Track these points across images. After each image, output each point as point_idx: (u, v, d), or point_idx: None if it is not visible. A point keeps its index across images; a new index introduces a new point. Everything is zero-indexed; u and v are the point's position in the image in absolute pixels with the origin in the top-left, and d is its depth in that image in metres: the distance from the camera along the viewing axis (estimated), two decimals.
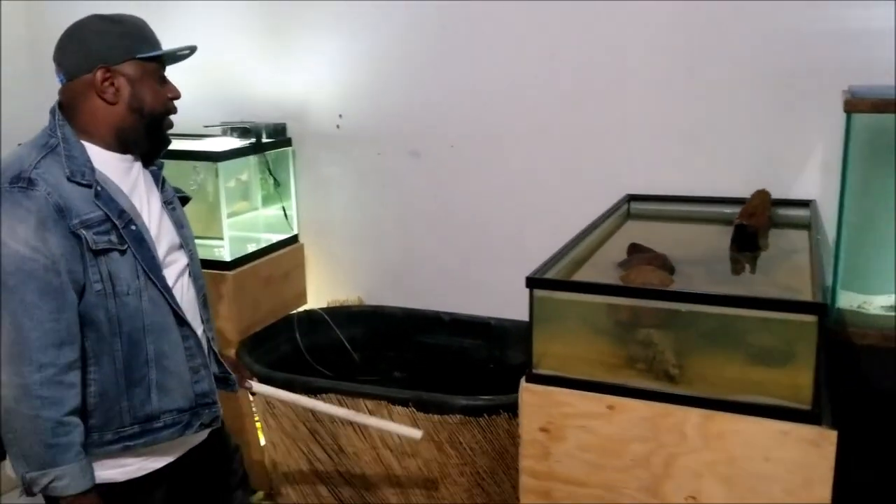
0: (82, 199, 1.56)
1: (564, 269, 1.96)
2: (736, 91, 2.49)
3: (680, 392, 1.65)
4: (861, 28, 2.31)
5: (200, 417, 1.73)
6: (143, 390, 1.64)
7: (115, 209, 1.59)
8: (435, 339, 3.00)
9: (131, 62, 1.63)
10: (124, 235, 1.59)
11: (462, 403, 2.30)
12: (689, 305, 1.70)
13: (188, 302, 1.75)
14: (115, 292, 1.58)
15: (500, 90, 2.82)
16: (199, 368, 1.73)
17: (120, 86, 1.62)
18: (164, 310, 1.65)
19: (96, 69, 1.60)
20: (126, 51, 1.62)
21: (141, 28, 1.68)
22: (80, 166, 1.58)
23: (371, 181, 3.11)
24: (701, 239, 2.40)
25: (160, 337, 1.65)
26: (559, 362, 1.80)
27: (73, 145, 1.60)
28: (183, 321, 1.69)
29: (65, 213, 1.52)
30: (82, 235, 1.53)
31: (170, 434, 1.68)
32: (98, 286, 1.56)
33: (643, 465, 1.67)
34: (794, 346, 1.65)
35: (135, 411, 1.63)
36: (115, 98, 1.62)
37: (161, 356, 1.65)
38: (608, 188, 2.63)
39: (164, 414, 1.66)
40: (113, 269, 1.58)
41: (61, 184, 1.54)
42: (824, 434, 1.52)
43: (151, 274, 1.62)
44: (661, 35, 2.56)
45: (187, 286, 1.77)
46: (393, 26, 2.94)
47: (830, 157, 2.35)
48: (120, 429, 1.62)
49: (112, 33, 1.63)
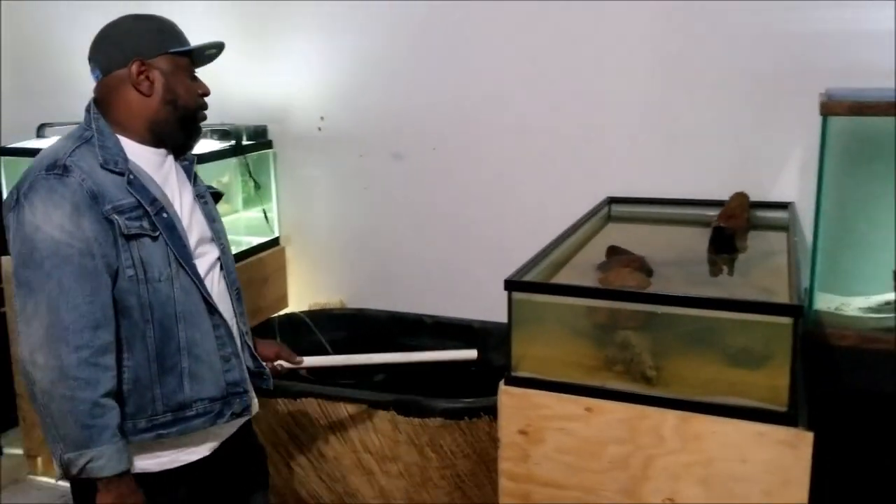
0: (115, 186, 1.59)
1: (544, 272, 1.96)
2: (715, 94, 2.50)
3: (657, 394, 1.66)
4: (839, 31, 2.33)
5: (232, 406, 1.74)
6: (175, 378, 1.65)
7: (147, 197, 1.62)
8: (417, 341, 2.99)
9: (165, 57, 1.67)
10: (156, 222, 1.62)
11: (442, 406, 2.30)
12: (666, 308, 1.70)
13: (219, 294, 1.76)
14: (147, 278, 1.60)
15: (483, 93, 2.82)
16: (230, 357, 1.74)
17: (154, 78, 1.66)
18: (195, 297, 1.67)
19: (132, 62, 1.64)
20: (160, 46, 1.67)
21: (173, 26, 1.74)
22: (113, 155, 1.62)
23: (353, 183, 3.10)
24: (680, 241, 2.41)
25: (191, 325, 1.66)
26: (538, 365, 1.80)
27: (107, 137, 1.64)
28: (214, 309, 1.70)
29: (98, 199, 1.56)
30: (115, 220, 1.57)
31: (202, 423, 1.68)
32: (130, 272, 1.59)
33: (621, 467, 1.68)
34: (771, 348, 1.65)
35: (167, 399, 1.64)
36: (149, 90, 1.66)
37: (192, 344, 1.67)
38: (589, 191, 2.64)
39: (195, 402, 1.67)
40: (145, 255, 1.60)
41: (95, 171, 1.58)
42: (800, 435, 1.53)
43: (183, 261, 1.65)
44: (640, 38, 2.57)
45: (218, 279, 1.78)
46: (375, 28, 2.93)
47: (808, 159, 2.37)
48: (153, 417, 1.64)
49: (146, 30, 1.68)
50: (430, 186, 2.97)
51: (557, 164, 2.75)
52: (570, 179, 2.73)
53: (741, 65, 2.46)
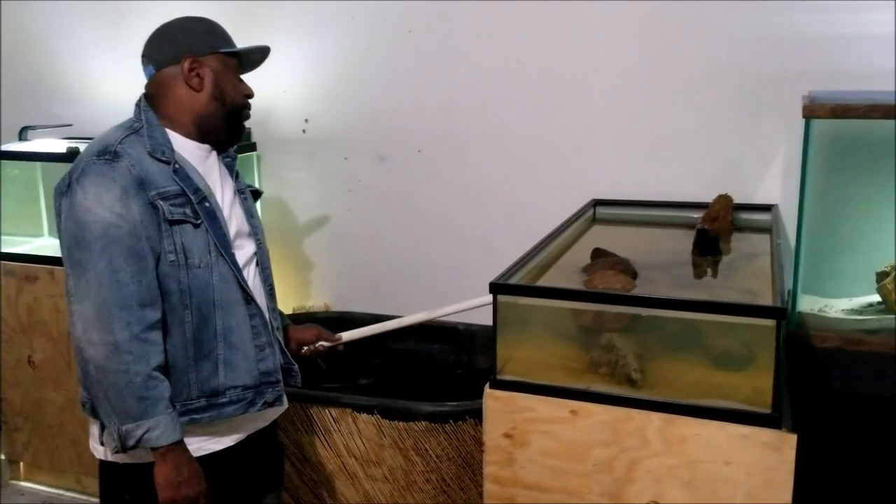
0: (161, 174, 1.67)
1: (529, 275, 1.96)
2: (699, 97, 2.51)
3: (642, 396, 1.65)
4: (821, 34, 2.34)
5: (264, 396, 1.78)
6: (210, 364, 1.70)
7: (191, 186, 1.69)
8: (403, 344, 2.98)
9: (215, 56, 1.76)
10: (199, 210, 1.69)
11: (427, 410, 2.30)
12: (651, 310, 1.70)
13: (255, 286, 1.82)
14: (188, 264, 1.67)
15: (467, 95, 2.82)
16: (265, 347, 1.78)
17: (204, 75, 1.74)
18: (232, 286, 1.73)
19: (184, 59, 1.73)
20: (211, 45, 1.76)
21: (223, 29, 1.83)
22: (160, 145, 1.70)
23: (337, 186, 3.09)
24: (664, 243, 2.42)
25: (228, 313, 1.72)
26: (523, 368, 1.79)
27: (154, 128, 1.72)
28: (250, 299, 1.76)
29: (145, 184, 1.63)
30: (159, 206, 1.64)
31: (234, 410, 1.73)
32: (172, 256, 1.65)
33: (606, 470, 1.67)
34: (755, 350, 1.66)
35: (202, 385, 1.70)
36: (199, 86, 1.74)
37: (228, 332, 1.72)
38: (574, 193, 2.64)
39: (229, 390, 1.72)
40: (186, 241, 1.67)
41: (143, 158, 1.66)
42: (784, 437, 1.53)
43: (223, 250, 1.71)
44: (625, 42, 2.57)
45: (254, 273, 1.84)
46: (359, 30, 2.93)
47: (791, 162, 2.38)
48: (187, 401, 1.69)
49: (199, 30, 1.78)
50: (415, 189, 2.97)
51: (542, 167, 2.76)
52: (554, 182, 2.73)
53: (725, 68, 2.47)
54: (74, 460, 3.00)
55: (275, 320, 1.89)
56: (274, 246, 3.16)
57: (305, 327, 2.07)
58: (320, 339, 2.04)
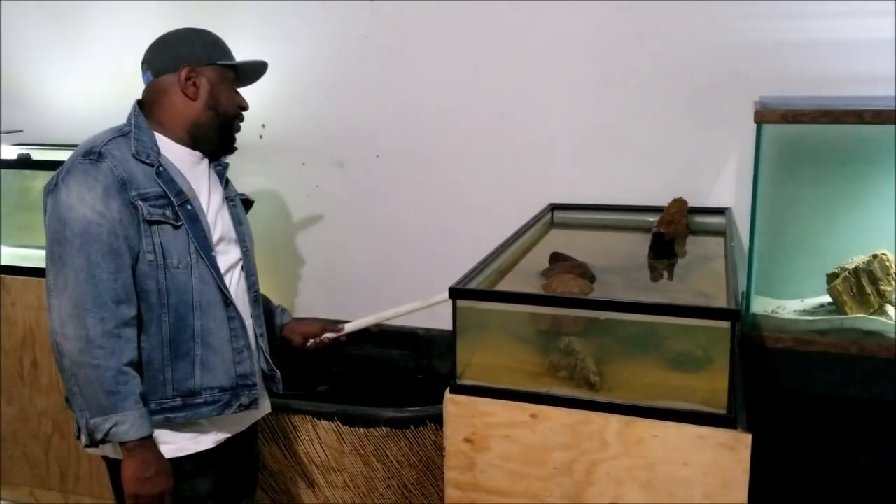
0: (145, 175, 1.71)
1: (488, 279, 1.96)
2: (654, 102, 2.55)
3: (601, 399, 1.67)
4: (772, 41, 2.39)
5: (240, 398, 1.80)
6: (187, 364, 1.74)
7: (173, 188, 1.73)
8: (362, 350, 2.97)
9: (213, 67, 1.82)
10: (180, 213, 1.72)
11: (388, 416, 2.29)
12: (608, 313, 1.72)
13: (238, 292, 1.85)
14: (166, 264, 1.70)
15: (425, 101, 2.82)
16: (243, 349, 1.81)
17: (201, 84, 1.79)
18: (212, 288, 1.76)
19: (182, 68, 1.78)
20: (209, 56, 1.82)
21: (223, 42, 1.88)
22: (146, 148, 1.74)
23: (295, 192, 3.07)
24: (621, 247, 2.44)
25: (207, 314, 1.75)
26: (483, 372, 1.80)
27: (143, 132, 1.76)
28: (229, 301, 1.78)
29: (126, 185, 1.67)
30: (139, 206, 1.68)
31: (209, 411, 1.76)
32: (150, 256, 1.69)
33: (566, 473, 1.68)
34: (710, 351, 1.68)
35: (178, 384, 1.73)
36: (195, 95, 1.79)
37: (206, 333, 1.75)
38: (532, 197, 2.66)
39: (205, 390, 1.76)
40: (165, 241, 1.70)
41: (127, 160, 1.70)
42: (739, 437, 1.55)
43: (203, 252, 1.74)
44: (580, 48, 2.60)
45: (238, 279, 1.87)
46: (316, 35, 2.91)
47: (744, 165, 2.42)
48: (163, 400, 1.72)
49: (199, 41, 1.83)
50: (374, 194, 2.96)
51: (500, 172, 2.77)
52: (512, 186, 2.74)
53: (678, 74, 2.50)
54: (28, 473, 2.94)
55: (259, 328, 1.92)
56: None
57: (309, 321, 2.13)
58: (325, 332, 2.08)
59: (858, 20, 2.29)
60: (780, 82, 2.36)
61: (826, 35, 2.33)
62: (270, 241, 3.13)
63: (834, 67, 2.32)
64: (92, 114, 1.67)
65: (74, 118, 3.27)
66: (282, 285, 3.16)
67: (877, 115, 1.91)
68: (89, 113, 1.72)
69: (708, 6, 2.43)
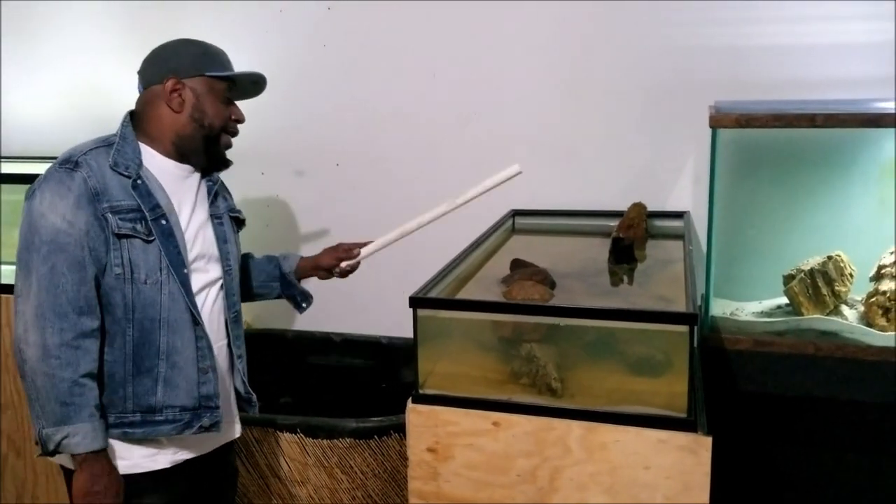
0: (120, 187, 1.69)
1: (449, 287, 1.96)
2: (611, 108, 2.56)
3: (563, 405, 1.67)
4: (727, 46, 2.42)
5: (201, 419, 1.77)
6: (150, 381, 1.71)
7: (149, 202, 1.71)
8: (326, 360, 2.96)
9: (201, 78, 1.79)
10: (153, 228, 1.70)
11: (352, 426, 2.27)
12: (568, 319, 1.73)
13: (211, 312, 1.83)
14: (133, 279, 1.68)
15: (384, 108, 2.81)
16: (208, 370, 1.78)
17: (186, 97, 1.77)
18: (181, 306, 1.73)
19: (168, 79, 1.76)
20: (197, 67, 1.79)
21: (217, 53, 1.85)
22: (126, 160, 1.72)
23: (254, 201, 3.04)
24: (582, 252, 2.45)
25: (174, 332, 1.73)
26: (445, 381, 1.79)
27: (128, 143, 1.75)
28: (198, 321, 1.75)
29: (99, 196, 1.66)
30: (108, 219, 1.66)
31: (168, 430, 1.73)
32: (118, 269, 1.67)
33: (529, 480, 1.68)
34: (670, 355, 1.69)
35: (138, 399, 1.71)
36: (179, 107, 1.77)
37: (173, 351, 1.73)
38: (492, 204, 2.63)
39: (166, 408, 1.73)
40: (134, 256, 1.68)
41: (103, 171, 1.69)
42: (700, 440, 1.56)
43: (174, 269, 1.71)
44: (537, 54, 2.61)
45: (215, 297, 1.84)
46: (273, 44, 2.89)
47: (701, 169, 2.45)
48: (122, 414, 1.71)
49: (190, 52, 1.80)
50: (334, 202, 2.94)
51: (460, 178, 2.73)
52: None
53: (635, 79, 2.52)
54: None
55: (237, 349, 1.90)
56: None
57: (322, 254, 2.13)
58: (340, 261, 2.10)
59: (813, 25, 2.33)
60: (737, 86, 2.39)
61: (780, 40, 2.36)
62: None
63: (788, 72, 2.36)
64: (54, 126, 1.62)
65: (21, 127, 3.21)
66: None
67: (829, 119, 1.95)
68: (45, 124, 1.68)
69: (664, 12, 2.45)
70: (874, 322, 2.02)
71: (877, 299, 2.02)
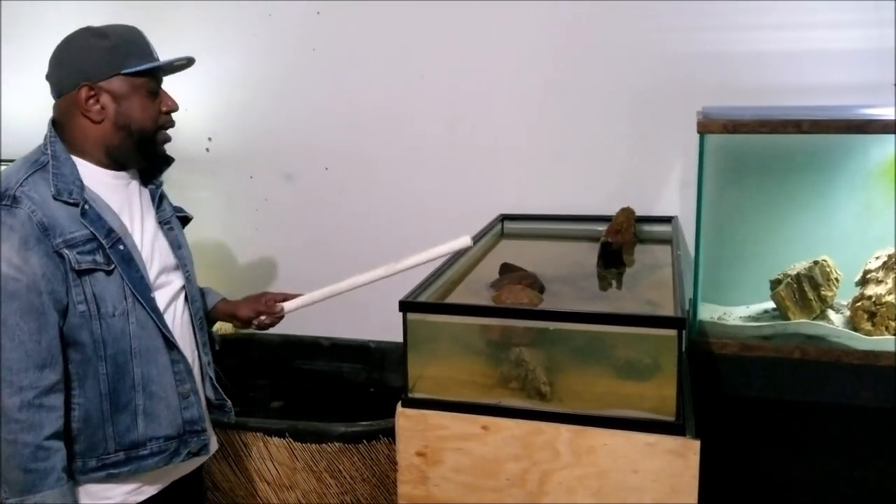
0: (69, 217, 1.52)
1: (438, 291, 1.96)
2: (599, 113, 2.57)
3: (551, 409, 1.68)
4: (716, 51, 2.43)
5: (188, 445, 1.68)
6: (128, 416, 1.59)
7: (102, 228, 1.55)
8: (314, 364, 2.95)
9: (118, 78, 1.57)
10: (111, 255, 1.55)
11: (340, 431, 2.27)
12: (557, 323, 1.73)
13: (182, 325, 1.71)
14: (100, 314, 1.54)
15: (373, 112, 2.81)
16: (189, 394, 1.68)
17: (105, 103, 1.57)
18: (152, 332, 1.60)
19: (80, 87, 1.55)
20: (111, 66, 1.57)
21: (131, 41, 1.61)
22: (67, 184, 1.54)
23: (243, 205, 3.03)
24: (570, 256, 2.46)
25: (148, 361, 1.60)
26: (434, 385, 1.80)
27: (62, 162, 1.56)
28: (172, 345, 1.64)
29: (49, 231, 1.49)
30: (65, 255, 1.49)
31: (156, 462, 1.62)
32: (82, 307, 1.52)
33: (518, 484, 1.69)
34: (658, 359, 1.70)
35: (120, 438, 1.58)
36: (100, 116, 1.57)
37: (148, 381, 1.60)
38: (482, 208, 2.66)
39: (150, 441, 1.62)
40: (98, 290, 1.53)
41: (47, 202, 1.51)
42: (688, 444, 1.57)
43: (139, 295, 1.58)
44: (526, 58, 2.62)
45: (182, 309, 1.72)
46: (262, 47, 2.89)
47: (688, 174, 2.46)
48: (104, 455, 1.58)
49: (98, 48, 1.57)
50: (323, 206, 2.94)
51: (450, 183, 2.77)
52: (462, 197, 2.75)
53: (624, 84, 2.53)
54: None
55: (205, 354, 1.80)
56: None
57: (244, 303, 1.95)
58: (260, 315, 1.92)
59: (800, 31, 2.34)
60: (725, 92, 2.40)
61: (767, 47, 2.38)
62: (219, 255, 3.09)
63: (775, 78, 2.38)
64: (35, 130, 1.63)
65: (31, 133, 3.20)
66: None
67: (815, 125, 1.96)
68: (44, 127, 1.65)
69: (653, 18, 2.46)
70: (860, 326, 2.03)
71: (862, 304, 2.04)
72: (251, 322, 1.93)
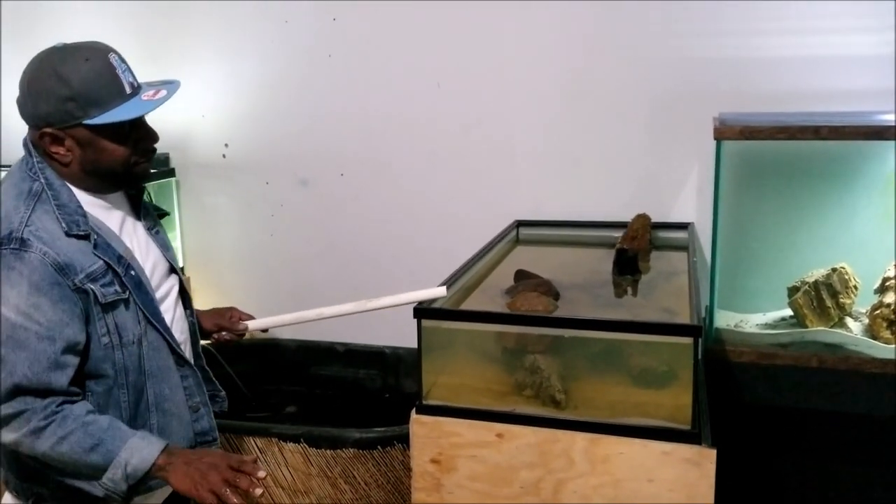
0: (81, 251, 1.45)
1: (453, 298, 1.96)
2: (616, 119, 2.57)
3: (566, 417, 1.67)
4: (732, 58, 2.42)
5: None
6: None
7: (113, 256, 1.50)
8: (329, 370, 2.95)
9: (80, 127, 1.45)
10: (125, 282, 1.51)
11: (355, 437, 2.27)
12: (573, 331, 1.73)
13: (182, 327, 1.68)
14: (122, 343, 1.51)
15: (389, 118, 2.82)
16: (199, 407, 1.67)
17: (70, 147, 1.47)
18: (163, 353, 1.59)
19: (42, 133, 1.46)
20: (72, 116, 1.44)
21: (96, 86, 1.44)
22: (72, 216, 1.47)
23: (259, 210, 3.05)
24: (586, 263, 2.45)
25: (160, 380, 1.58)
26: (449, 392, 1.79)
27: (59, 191, 1.48)
28: (183, 361, 1.63)
29: (67, 270, 1.42)
30: (90, 290, 1.44)
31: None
32: (105, 339, 1.48)
33: (533, 492, 1.68)
34: (674, 367, 1.69)
35: None
36: (66, 159, 1.48)
37: (161, 400, 1.59)
38: (497, 214, 2.66)
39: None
40: (119, 319, 1.50)
41: (58, 239, 1.43)
42: (704, 453, 1.56)
43: (153, 318, 1.55)
44: (543, 65, 2.61)
45: (179, 310, 1.69)
46: (278, 55, 2.90)
47: (705, 181, 2.45)
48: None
49: (57, 96, 1.43)
50: (338, 212, 2.95)
51: (465, 189, 2.77)
52: (478, 203, 2.75)
53: (640, 90, 2.53)
54: None
55: (197, 346, 1.78)
56: (195, 272, 3.12)
57: (209, 315, 1.89)
58: (222, 329, 1.87)
59: (817, 37, 2.33)
60: (742, 98, 2.39)
61: (784, 52, 2.36)
62: (235, 261, 3.11)
63: (792, 84, 2.36)
64: None
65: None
66: (247, 305, 3.12)
67: (833, 131, 1.95)
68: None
69: (670, 23, 2.46)
70: (878, 334, 2.02)
71: (881, 311, 2.02)
72: (211, 335, 1.88)
